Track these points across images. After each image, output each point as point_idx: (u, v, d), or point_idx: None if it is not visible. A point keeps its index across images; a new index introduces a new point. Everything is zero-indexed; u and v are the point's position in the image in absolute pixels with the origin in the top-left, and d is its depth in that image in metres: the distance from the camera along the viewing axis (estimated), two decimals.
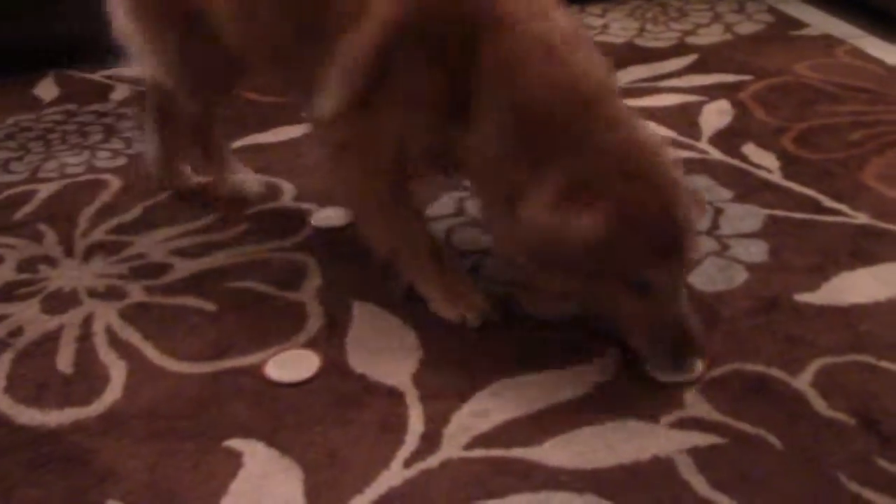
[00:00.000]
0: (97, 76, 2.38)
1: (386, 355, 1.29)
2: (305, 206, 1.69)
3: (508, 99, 1.18)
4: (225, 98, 1.75)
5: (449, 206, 1.65)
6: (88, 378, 1.29)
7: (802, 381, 1.19)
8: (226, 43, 1.45)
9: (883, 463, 1.06)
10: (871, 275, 1.39)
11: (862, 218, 1.54)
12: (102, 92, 2.29)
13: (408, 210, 1.36)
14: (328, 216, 1.65)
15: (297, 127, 2.01)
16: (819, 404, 1.15)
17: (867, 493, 1.02)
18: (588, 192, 1.12)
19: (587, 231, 1.11)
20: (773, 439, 1.11)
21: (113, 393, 1.26)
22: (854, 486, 1.03)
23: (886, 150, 1.75)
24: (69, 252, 1.60)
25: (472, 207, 1.64)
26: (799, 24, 2.46)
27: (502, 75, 1.18)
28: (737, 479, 1.05)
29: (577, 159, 1.14)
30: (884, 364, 1.21)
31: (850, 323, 1.29)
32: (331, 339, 1.33)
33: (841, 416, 1.13)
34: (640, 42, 2.43)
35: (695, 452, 1.09)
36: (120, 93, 2.27)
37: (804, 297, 1.35)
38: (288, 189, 1.76)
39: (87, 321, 1.41)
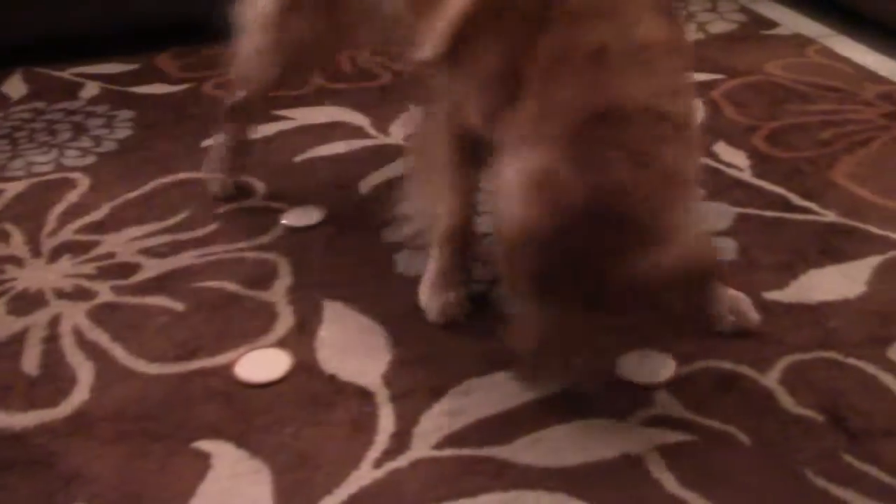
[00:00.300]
0: (66, 74, 2.35)
1: (357, 355, 1.29)
2: (276, 205, 1.68)
3: (541, 101, 1.13)
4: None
5: None
6: (55, 380, 1.28)
7: (771, 379, 1.20)
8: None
9: (850, 459, 1.07)
10: (839, 272, 1.41)
11: (831, 216, 1.55)
12: (71, 89, 2.26)
13: (461, 181, 1.34)
14: (299, 215, 1.64)
15: (268, 125, 1.99)
16: (787, 401, 1.16)
17: (834, 489, 1.03)
18: (541, 190, 1.07)
19: (514, 219, 1.07)
20: (741, 436, 1.11)
21: (80, 394, 1.25)
22: (821, 482, 1.04)
23: (856, 149, 1.77)
24: (36, 252, 1.58)
25: None
26: (770, 24, 2.48)
27: (545, 73, 1.12)
28: (706, 476, 1.06)
29: (561, 157, 1.07)
30: (851, 361, 1.22)
31: (819, 320, 1.31)
32: (301, 339, 1.33)
33: (809, 412, 1.14)
34: None
35: (664, 450, 1.10)
36: (89, 90, 2.25)
37: (773, 295, 1.36)
38: (259, 188, 1.75)
39: (54, 322, 1.40)
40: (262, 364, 1.28)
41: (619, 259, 1.04)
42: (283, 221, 1.63)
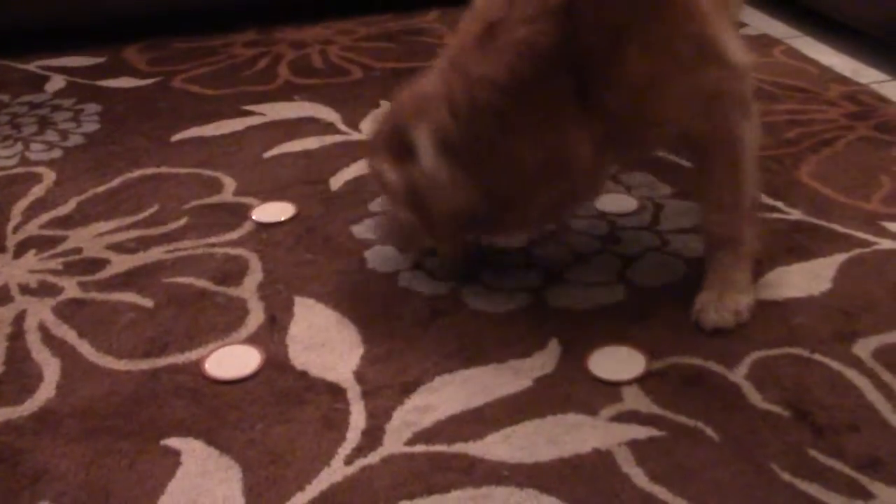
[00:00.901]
0: (32, 66, 2.32)
1: (328, 351, 1.29)
2: (246, 200, 1.67)
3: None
4: None
5: None
6: (20, 377, 1.26)
7: (738, 374, 1.22)
8: None
9: (814, 453, 1.09)
10: (805, 270, 1.43)
11: (797, 214, 1.58)
12: (37, 82, 2.23)
13: None
14: (270, 211, 1.63)
15: (238, 120, 1.98)
16: (754, 397, 1.18)
17: (799, 483, 1.05)
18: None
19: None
20: (709, 431, 1.13)
21: (46, 391, 1.23)
22: (787, 476, 1.06)
23: (820, 149, 1.80)
24: (1, 247, 1.56)
25: None
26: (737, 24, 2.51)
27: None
28: (674, 470, 1.07)
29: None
30: (817, 357, 1.24)
31: (785, 317, 1.32)
32: (272, 336, 1.32)
33: (775, 408, 1.16)
34: None
35: (634, 445, 1.11)
36: (55, 83, 2.22)
37: None
38: (229, 183, 1.73)
39: (20, 318, 1.38)
40: (232, 360, 1.27)
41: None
42: (254, 217, 1.62)
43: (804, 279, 1.40)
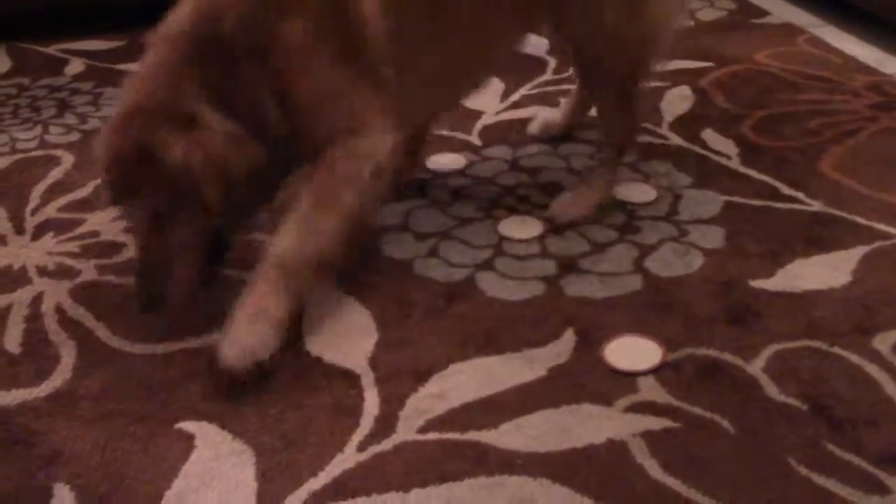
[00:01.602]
0: (51, 49, 2.33)
1: (342, 338, 1.28)
2: None
3: None
4: None
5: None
6: (37, 358, 1.27)
7: (755, 367, 1.20)
8: None
9: (832, 447, 1.08)
10: (824, 262, 1.41)
11: (817, 205, 1.56)
12: (56, 66, 2.24)
13: None
14: None
15: None
16: (771, 389, 1.17)
17: (816, 477, 1.04)
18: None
19: None
20: (725, 424, 1.12)
21: (62, 374, 1.24)
22: (804, 470, 1.05)
23: (843, 139, 1.77)
24: (19, 229, 1.57)
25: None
26: (760, 13, 2.48)
27: None
28: (689, 462, 1.06)
29: None
30: (835, 350, 1.23)
31: (804, 309, 1.31)
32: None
33: (792, 401, 1.15)
34: None
35: (648, 436, 1.10)
36: (74, 67, 2.22)
37: (759, 283, 1.36)
38: None
39: (37, 300, 1.38)
40: None
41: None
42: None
43: (824, 271, 1.39)
